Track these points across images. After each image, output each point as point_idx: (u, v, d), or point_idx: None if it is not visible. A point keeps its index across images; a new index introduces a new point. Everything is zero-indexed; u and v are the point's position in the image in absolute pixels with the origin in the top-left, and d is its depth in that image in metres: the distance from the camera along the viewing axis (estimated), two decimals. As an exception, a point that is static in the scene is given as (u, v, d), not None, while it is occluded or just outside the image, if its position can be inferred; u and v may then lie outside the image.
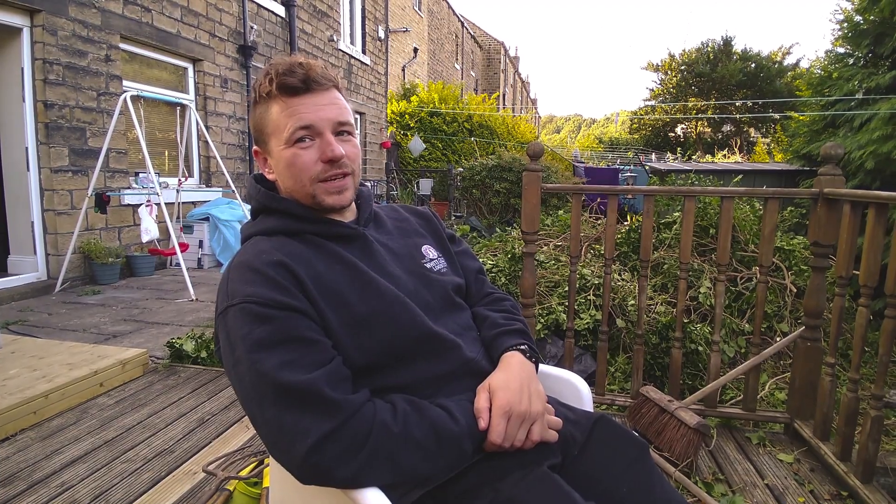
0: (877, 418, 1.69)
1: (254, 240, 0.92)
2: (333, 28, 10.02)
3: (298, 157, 0.90)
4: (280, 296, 0.80)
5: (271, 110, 0.91)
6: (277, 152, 0.92)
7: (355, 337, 0.85)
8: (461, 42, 26.83)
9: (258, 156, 0.98)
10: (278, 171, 0.94)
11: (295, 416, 0.74)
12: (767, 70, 22.35)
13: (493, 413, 0.85)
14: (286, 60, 0.91)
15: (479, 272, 1.17)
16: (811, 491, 1.81)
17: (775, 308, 3.60)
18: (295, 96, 0.89)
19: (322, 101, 0.91)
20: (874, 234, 1.71)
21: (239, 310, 0.79)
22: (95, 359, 2.65)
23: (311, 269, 0.87)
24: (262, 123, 0.93)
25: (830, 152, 1.99)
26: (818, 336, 2.09)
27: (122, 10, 5.21)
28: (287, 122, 0.89)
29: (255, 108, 0.94)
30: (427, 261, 1.04)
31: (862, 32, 5.56)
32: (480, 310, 1.08)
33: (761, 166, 7.40)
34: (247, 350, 0.77)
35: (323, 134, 0.90)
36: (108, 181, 5.09)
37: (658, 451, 1.98)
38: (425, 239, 1.09)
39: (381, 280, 0.91)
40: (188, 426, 2.21)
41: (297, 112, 0.89)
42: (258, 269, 0.83)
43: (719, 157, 17.89)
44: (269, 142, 0.93)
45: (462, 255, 1.15)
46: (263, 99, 0.91)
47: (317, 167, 0.90)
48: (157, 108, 5.93)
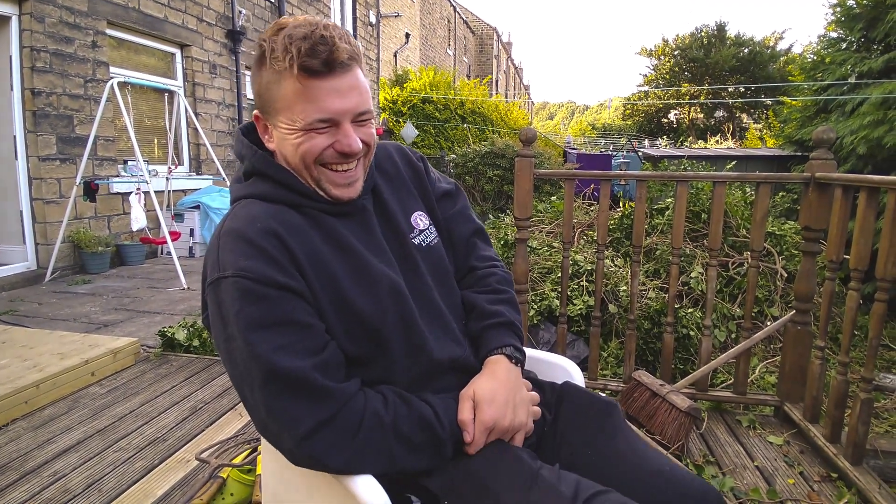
0: (866, 401, 1.71)
1: (246, 202, 0.86)
2: (323, 13, 9.88)
3: (309, 142, 0.82)
4: (275, 273, 0.77)
5: (284, 86, 0.80)
6: (286, 130, 0.83)
7: (344, 322, 0.83)
8: (453, 27, 26.56)
9: (259, 121, 0.89)
10: (282, 147, 0.86)
11: (287, 402, 0.74)
12: (760, 55, 22.33)
13: (477, 428, 0.84)
14: (305, 30, 0.78)
15: (475, 234, 1.09)
16: (801, 472, 1.83)
17: (766, 293, 3.62)
18: (315, 78, 0.79)
19: (343, 87, 0.81)
20: (865, 218, 1.71)
21: (232, 283, 0.76)
22: (86, 348, 2.63)
23: (307, 244, 0.82)
24: (271, 95, 0.82)
25: (822, 136, 1.98)
26: (808, 320, 2.10)
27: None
28: (304, 108, 0.80)
29: (262, 73, 0.82)
30: (416, 233, 0.97)
31: (855, 16, 5.54)
32: (468, 295, 1.02)
33: (753, 152, 7.42)
34: (240, 329, 0.75)
35: (341, 124, 0.83)
36: (96, 169, 5.03)
37: (650, 435, 1.99)
38: (416, 202, 1.01)
39: (375, 265, 0.87)
40: (181, 414, 2.20)
41: (316, 99, 0.80)
42: (251, 239, 0.78)
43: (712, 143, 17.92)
44: (277, 116, 0.83)
45: (457, 217, 1.07)
46: (275, 70, 0.80)
47: (327, 152, 0.84)
48: (145, 94, 5.84)
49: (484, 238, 1.10)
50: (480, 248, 1.08)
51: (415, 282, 0.92)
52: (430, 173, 1.08)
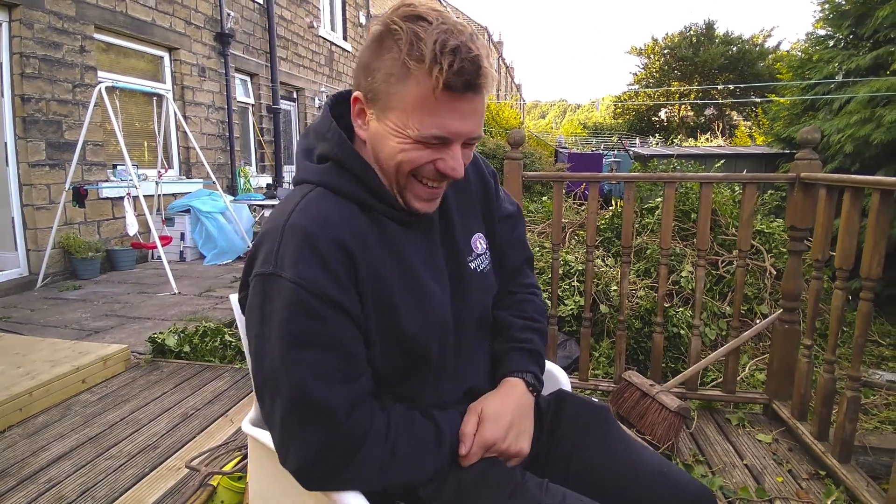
0: (853, 399, 1.73)
1: (318, 193, 0.80)
2: (313, 14, 9.85)
3: (413, 152, 0.76)
4: (335, 291, 0.73)
5: (411, 87, 0.72)
6: (392, 131, 0.76)
7: (387, 344, 0.80)
8: (444, 27, 26.53)
9: (357, 103, 0.79)
10: (379, 144, 0.78)
11: (301, 424, 0.73)
12: (749, 53, 22.50)
13: (476, 443, 0.83)
14: (456, 40, 0.70)
15: (525, 263, 1.06)
16: (789, 470, 1.85)
17: (755, 290, 3.65)
18: (447, 95, 0.72)
19: (470, 109, 0.75)
20: (849, 217, 1.73)
21: (288, 288, 0.71)
22: (77, 355, 2.62)
23: (372, 259, 0.78)
24: (389, 89, 0.74)
25: (807, 137, 2.00)
26: (796, 318, 2.12)
27: (96, 0, 5.07)
28: (424, 121, 0.73)
29: (384, 59, 0.73)
30: (474, 257, 0.93)
31: (843, 13, 5.58)
32: (502, 316, 1.00)
33: (742, 150, 7.47)
34: (281, 337, 0.72)
35: (451, 146, 0.77)
36: (85, 174, 4.99)
37: (640, 435, 2.01)
38: (478, 222, 0.96)
39: (430, 292, 0.84)
40: (171, 421, 2.19)
41: (441, 115, 0.73)
42: (320, 249, 0.73)
43: (702, 141, 18.02)
44: (388, 112, 0.75)
45: (513, 243, 1.03)
46: (406, 66, 0.71)
47: (427, 167, 0.78)
48: (134, 98, 5.81)
49: (531, 265, 1.09)
50: (525, 276, 1.06)
51: (461, 309, 0.89)
52: (499, 192, 1.03)
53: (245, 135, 8.12)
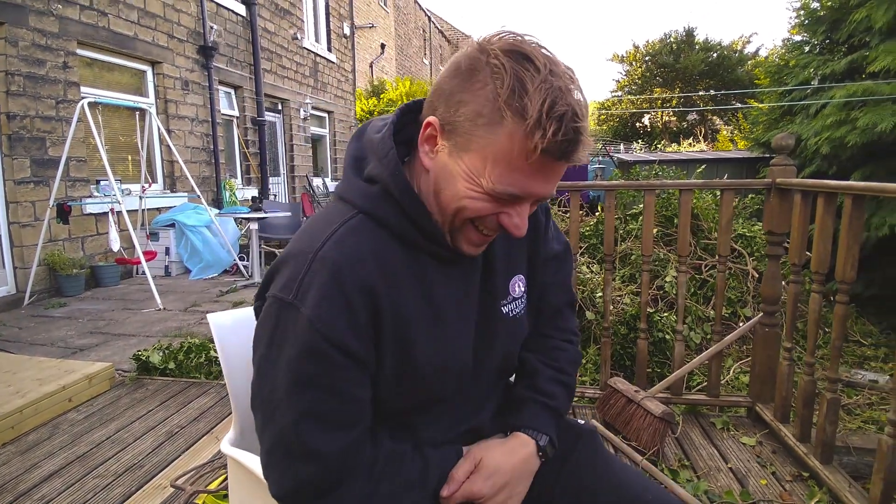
0: (833, 401, 1.76)
1: (360, 221, 0.74)
2: (297, 26, 9.87)
3: (481, 202, 0.69)
4: (352, 340, 0.70)
5: (502, 137, 0.64)
6: (464, 174, 0.69)
7: (398, 386, 0.77)
8: (429, 37, 26.72)
9: (429, 127, 0.71)
10: (444, 179, 0.71)
11: (288, 459, 0.71)
12: (728, 59, 22.93)
13: (461, 492, 0.79)
14: (563, 106, 0.62)
15: (566, 306, 1.00)
16: (773, 473, 1.87)
17: (738, 294, 3.70)
18: (541, 159, 0.65)
19: (554, 174, 0.69)
20: (823, 222, 1.77)
21: (304, 326, 0.68)
22: (63, 374, 2.61)
23: (397, 295, 0.73)
24: (475, 130, 0.66)
25: (781, 143, 2.05)
26: (776, 322, 2.15)
27: (78, 16, 5.08)
28: (504, 176, 0.66)
29: (474, 92, 0.65)
30: (509, 301, 0.87)
31: (819, 19, 5.70)
32: (530, 359, 0.94)
33: (724, 154, 7.58)
34: (288, 372, 0.70)
35: (522, 203, 0.71)
36: (69, 190, 4.95)
37: (627, 441, 2.02)
38: (521, 263, 0.90)
39: (456, 339, 0.80)
40: (157, 440, 2.17)
41: (524, 175, 0.66)
42: (346, 290, 0.69)
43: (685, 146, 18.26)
44: (465, 153, 0.68)
45: (556, 285, 0.97)
46: (501, 112, 0.63)
47: (487, 218, 0.72)
48: (117, 112, 5.77)
49: (573, 309, 1.02)
50: (565, 319, 1.00)
51: (484, 353, 0.85)
52: (549, 230, 0.95)
53: (230, 147, 8.10)
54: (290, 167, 9.87)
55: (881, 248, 4.23)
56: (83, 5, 5.13)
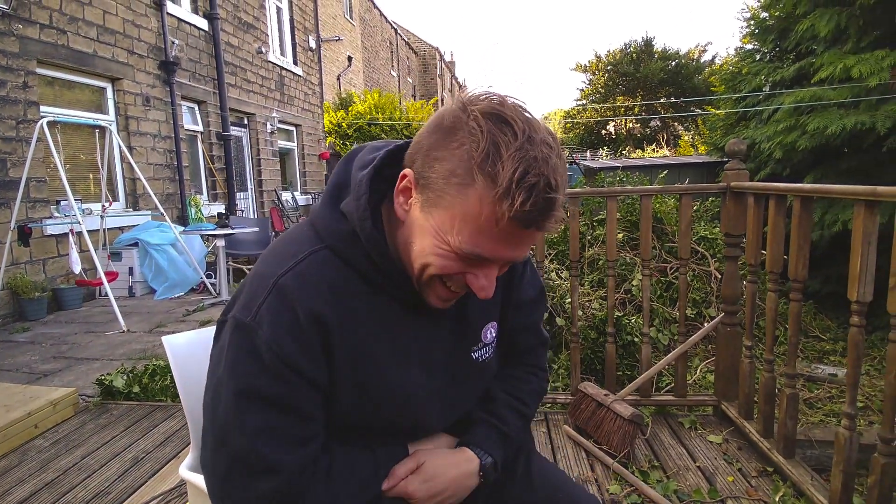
0: (792, 396, 1.82)
1: (324, 256, 0.75)
2: (261, 40, 9.79)
3: (447, 261, 0.70)
4: (304, 362, 0.71)
5: (470, 197, 0.64)
6: (432, 230, 0.69)
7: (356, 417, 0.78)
8: (396, 49, 26.84)
9: (404, 179, 0.71)
10: (415, 233, 0.72)
11: (246, 480, 0.71)
12: (686, 68, 23.73)
13: (397, 489, 0.80)
14: (536, 176, 0.61)
15: (538, 346, 1.00)
16: (739, 469, 1.92)
17: (702, 295, 3.81)
18: (511, 226, 0.64)
19: (523, 242, 0.69)
20: (775, 223, 1.84)
21: (260, 344, 0.70)
22: (28, 400, 2.55)
23: (355, 335, 0.75)
24: (448, 189, 0.66)
25: (734, 149, 2.13)
26: (736, 321, 2.22)
27: (38, 35, 4.96)
28: (473, 239, 0.66)
29: (451, 150, 0.65)
30: (479, 347, 0.88)
31: (767, 28, 5.94)
32: (492, 386, 0.95)
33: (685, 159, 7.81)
34: (239, 391, 0.70)
35: (490, 266, 0.71)
36: (29, 212, 4.80)
37: (598, 445, 2.05)
38: (493, 308, 0.90)
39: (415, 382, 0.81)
40: (122, 466, 2.11)
41: (493, 242, 0.66)
42: (299, 320, 0.71)
43: (648, 152, 18.74)
44: (436, 210, 0.68)
45: (528, 328, 0.97)
46: (472, 176, 0.63)
47: (454, 277, 0.72)
48: (78, 131, 5.62)
49: (545, 347, 1.03)
50: (535, 356, 1.01)
51: (454, 397, 0.86)
52: (525, 276, 0.94)
53: (195, 163, 7.95)
54: (258, 182, 9.74)
55: (836, 246, 4.40)
56: (43, 24, 5.01)
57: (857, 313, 1.49)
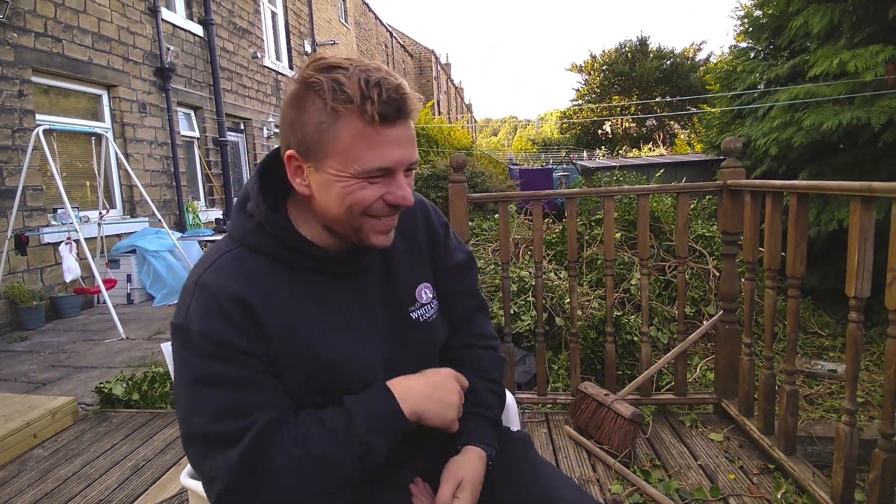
0: (792, 393, 1.82)
1: (238, 253, 0.83)
2: (256, 45, 9.80)
3: (360, 191, 0.77)
4: (239, 340, 0.76)
5: (342, 129, 0.74)
6: (333, 176, 0.76)
7: (310, 389, 0.82)
8: (391, 52, 26.86)
9: (291, 161, 0.79)
10: (324, 193, 0.79)
11: (212, 459, 0.75)
12: (681, 66, 23.78)
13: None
14: (378, 75, 0.74)
15: (476, 311, 1.05)
16: (741, 467, 1.92)
17: (701, 293, 3.80)
18: (385, 126, 0.74)
19: (405, 136, 0.77)
20: (772, 220, 1.84)
21: (195, 337, 0.76)
22: (27, 410, 2.54)
23: (283, 314, 0.80)
24: (321, 138, 0.75)
25: (730, 146, 2.13)
26: (736, 318, 2.22)
27: (33, 44, 4.96)
28: (365, 155, 0.75)
29: (308, 111, 0.75)
30: (417, 307, 0.93)
31: (761, 26, 5.95)
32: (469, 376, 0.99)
33: (681, 158, 7.82)
34: (192, 379, 0.76)
35: (396, 174, 0.79)
36: (26, 220, 4.80)
37: (599, 445, 2.05)
38: (425, 271, 0.97)
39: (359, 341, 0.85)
40: (122, 474, 2.10)
41: (380, 147, 0.75)
42: (221, 304, 0.77)
43: (645, 151, 18.77)
44: (326, 160, 0.76)
45: (463, 292, 1.03)
46: (334, 111, 0.73)
47: (376, 204, 0.79)
48: (74, 138, 5.61)
49: (485, 313, 1.08)
50: (479, 324, 1.06)
51: (399, 355, 0.90)
52: (450, 242, 1.03)
53: (192, 169, 7.95)
54: (255, 187, 9.73)
55: (833, 242, 4.40)
56: (38, 32, 5.02)
57: (856, 309, 1.49)
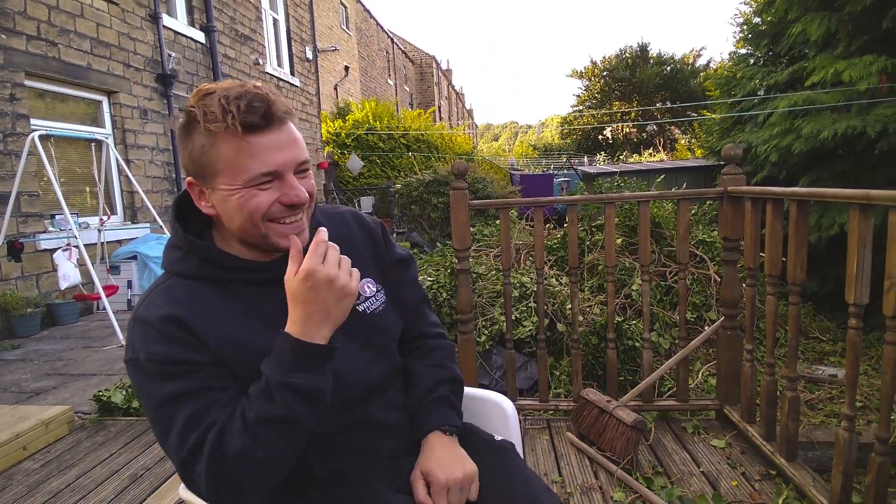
0: (793, 399, 1.81)
1: (169, 283, 0.88)
2: (258, 51, 9.84)
3: (254, 199, 0.82)
4: (181, 352, 0.81)
5: (222, 146, 0.80)
6: (227, 191, 0.82)
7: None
8: (392, 58, 26.97)
9: (193, 187, 0.86)
10: (225, 209, 0.84)
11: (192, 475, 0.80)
12: (681, 72, 23.85)
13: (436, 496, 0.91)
14: (239, 90, 0.80)
15: (422, 302, 1.14)
16: (743, 473, 1.91)
17: (702, 298, 3.80)
18: (254, 134, 0.80)
19: (283, 140, 0.82)
20: (773, 227, 1.84)
21: (144, 364, 0.81)
22: (16, 421, 2.46)
23: (219, 326, 0.84)
24: (207, 159, 0.81)
25: (730, 153, 2.13)
26: (737, 324, 2.22)
27: (25, 47, 4.92)
28: (248, 164, 0.80)
29: (193, 138, 0.82)
30: (361, 301, 0.99)
31: (760, 33, 5.98)
32: (412, 364, 1.08)
33: (682, 163, 7.83)
34: (155, 404, 0.81)
35: (285, 177, 0.83)
36: (20, 227, 4.76)
37: (601, 452, 2.04)
38: (366, 268, 1.02)
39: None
40: (120, 484, 2.08)
41: (259, 154, 0.80)
42: (156, 327, 0.82)
43: (646, 156, 18.80)
44: (216, 178, 0.82)
45: (408, 284, 1.11)
46: (209, 131, 0.80)
47: (273, 208, 0.83)
48: (73, 144, 5.61)
49: (429, 305, 1.16)
50: (428, 315, 1.14)
51: (353, 348, 0.95)
52: (389, 240, 1.10)
53: (192, 175, 7.96)
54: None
55: (833, 247, 4.41)
56: (30, 35, 4.99)
57: (855, 316, 1.49)
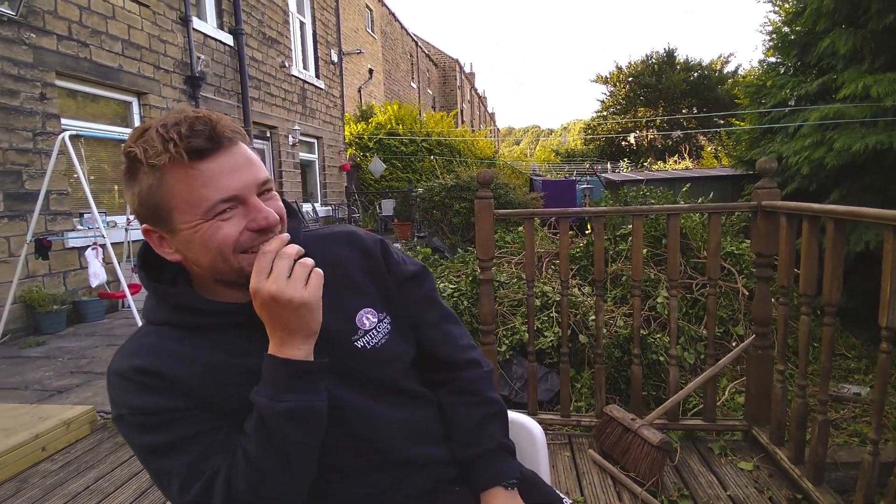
0: (823, 423, 1.75)
1: (144, 332, 0.84)
2: (285, 54, 9.96)
3: (220, 231, 0.74)
4: (160, 402, 0.76)
5: (170, 181, 0.73)
6: (187, 229, 0.75)
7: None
8: (416, 61, 27.09)
9: (151, 235, 0.79)
10: (190, 249, 0.77)
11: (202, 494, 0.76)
12: (709, 79, 23.46)
13: None
14: (176, 116, 0.73)
15: (444, 320, 1.00)
16: (770, 497, 1.85)
17: (729, 312, 3.71)
18: (202, 160, 0.73)
19: (237, 162, 0.75)
20: (809, 245, 1.78)
21: (129, 419, 0.78)
22: (36, 421, 2.44)
23: (193, 362, 0.78)
24: (158, 199, 0.74)
25: (765, 167, 2.07)
26: (768, 343, 2.15)
27: (56, 47, 5.04)
28: (203, 194, 0.73)
29: (139, 181, 0.75)
30: (360, 336, 0.88)
31: (790, 43, 5.85)
32: (447, 400, 0.97)
33: (709, 172, 7.69)
34: (149, 458, 0.78)
35: (248, 200, 0.76)
36: (49, 224, 4.88)
37: (625, 472, 1.99)
38: (363, 297, 0.91)
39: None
40: (140, 487, 2.08)
41: (212, 181, 0.73)
42: (129, 378, 0.77)
43: (670, 164, 18.52)
44: (172, 218, 0.75)
45: (424, 301, 0.99)
46: (153, 168, 0.72)
47: (242, 237, 0.76)
48: (104, 143, 5.74)
49: (455, 323, 1.03)
50: (455, 337, 1.00)
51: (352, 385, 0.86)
52: (391, 257, 0.97)
53: (218, 176, 8.08)
54: (280, 193, 9.80)
55: (860, 262, 4.31)
56: (61, 35, 5.10)
57: (887, 340, 1.44)
